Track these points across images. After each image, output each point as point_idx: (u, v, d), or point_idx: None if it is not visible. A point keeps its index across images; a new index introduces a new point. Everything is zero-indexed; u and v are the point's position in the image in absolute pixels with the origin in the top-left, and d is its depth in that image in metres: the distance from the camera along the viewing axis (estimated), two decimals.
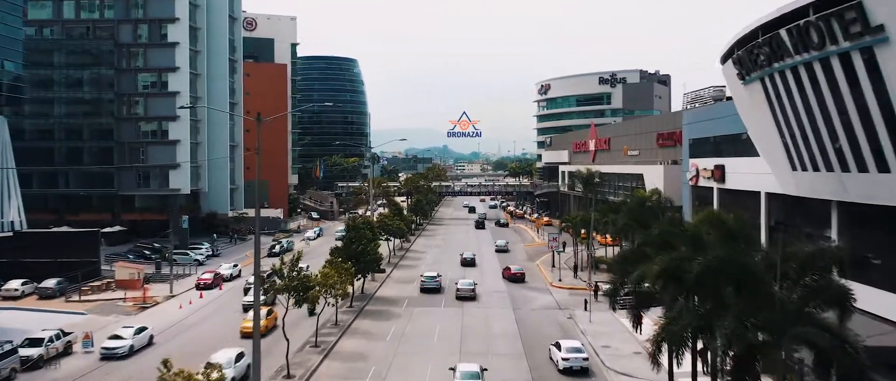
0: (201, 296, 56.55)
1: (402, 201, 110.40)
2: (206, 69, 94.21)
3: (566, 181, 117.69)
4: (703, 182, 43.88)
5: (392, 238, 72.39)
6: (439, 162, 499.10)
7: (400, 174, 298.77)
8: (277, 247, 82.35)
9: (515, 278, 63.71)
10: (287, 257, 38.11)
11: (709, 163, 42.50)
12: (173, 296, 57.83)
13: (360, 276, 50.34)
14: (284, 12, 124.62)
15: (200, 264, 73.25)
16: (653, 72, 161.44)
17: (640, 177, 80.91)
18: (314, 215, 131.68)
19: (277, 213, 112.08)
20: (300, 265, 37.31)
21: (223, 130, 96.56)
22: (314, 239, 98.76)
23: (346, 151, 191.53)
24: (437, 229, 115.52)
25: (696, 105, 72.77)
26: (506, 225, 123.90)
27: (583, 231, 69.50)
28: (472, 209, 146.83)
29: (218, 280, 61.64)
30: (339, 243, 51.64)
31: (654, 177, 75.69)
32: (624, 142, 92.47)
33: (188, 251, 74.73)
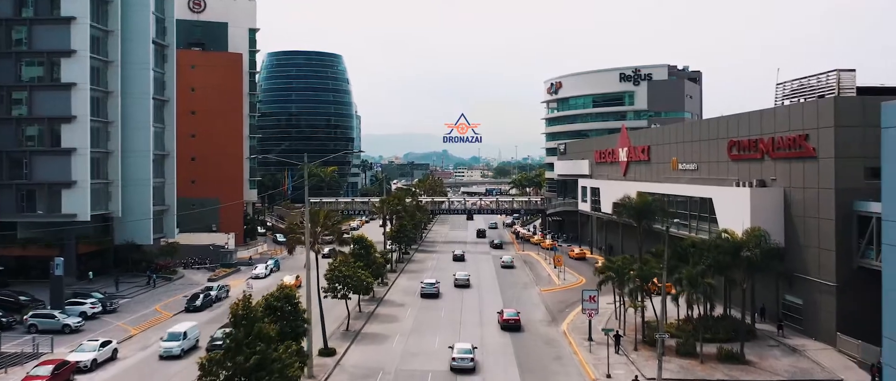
0: None
1: (379, 227, 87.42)
2: (119, 55, 71.25)
3: (587, 198, 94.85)
4: None
5: (350, 296, 49.22)
6: (437, 168, 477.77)
7: (393, 182, 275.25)
8: (201, 298, 59.14)
9: (510, 327, 50.44)
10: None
11: None
12: None
13: None
14: None
15: (73, 330, 50.07)
16: (681, 67, 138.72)
17: (706, 203, 57.92)
18: (280, 237, 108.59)
19: (227, 239, 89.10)
20: None
21: (144, 135, 73.42)
22: (265, 277, 75.70)
23: (330, 158, 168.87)
24: (427, 259, 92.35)
25: (801, 99, 49.94)
26: (500, 245, 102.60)
27: (631, 274, 46.48)
28: (470, 216, 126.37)
29: (63, 376, 38.49)
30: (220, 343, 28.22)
31: (731, 204, 52.74)
32: (672, 152, 69.58)
33: (57, 312, 51.40)
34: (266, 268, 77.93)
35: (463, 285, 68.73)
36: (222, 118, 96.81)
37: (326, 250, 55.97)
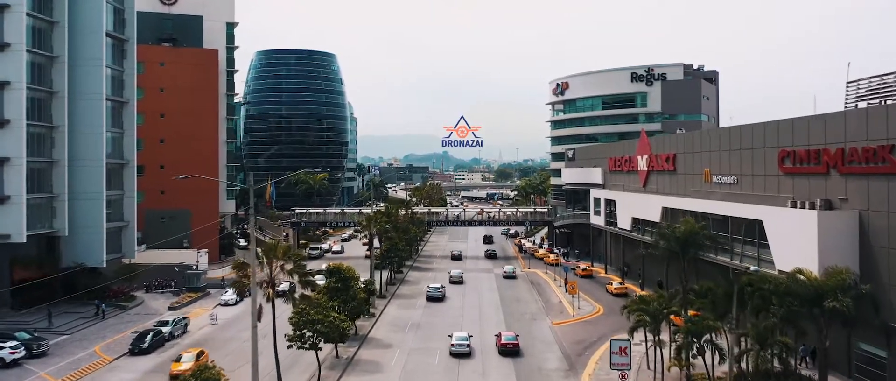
0: None
1: (364, 244, 77.68)
2: (66, 50, 61.88)
3: (600, 211, 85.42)
4: None
5: (321, 346, 39.54)
6: (437, 170, 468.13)
7: (390, 186, 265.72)
8: (150, 337, 49.61)
9: (509, 351, 47.47)
10: None
11: None
12: None
13: None
14: None
15: None
16: (696, 67, 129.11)
17: (753, 225, 48.37)
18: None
19: (198, 256, 79.48)
20: None
21: (96, 141, 63.99)
22: (235, 304, 66.42)
23: (321, 163, 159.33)
24: (422, 278, 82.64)
25: (884, 100, 40.49)
26: (494, 255, 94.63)
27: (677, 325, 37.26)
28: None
29: None
30: None
31: (790, 229, 43.24)
32: (704, 161, 60.00)
33: None
34: (237, 293, 68.39)
35: (457, 281, 78.41)
36: (196, 122, 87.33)
37: (285, 286, 46.18)
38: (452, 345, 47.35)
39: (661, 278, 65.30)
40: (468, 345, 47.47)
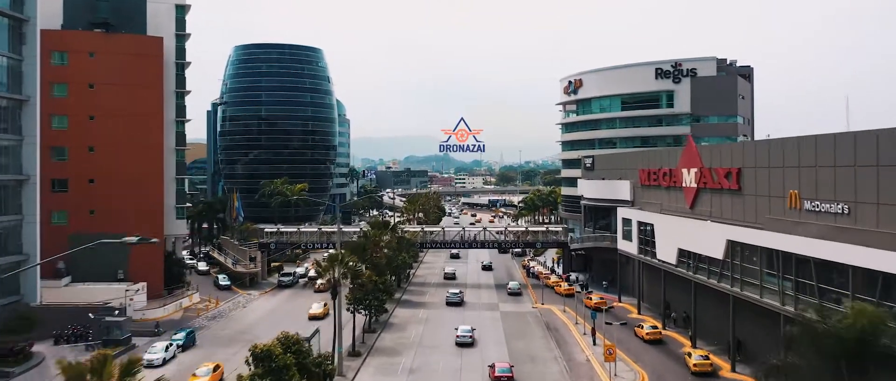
0: None
1: (317, 290, 61.21)
2: None
3: (631, 235, 69.57)
4: None
5: None
6: (437, 173, 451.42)
7: (386, 192, 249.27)
8: None
9: None
10: None
11: None
12: None
13: None
14: None
15: None
16: (729, 62, 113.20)
17: (889, 281, 32.38)
18: (222, 279, 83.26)
19: (130, 293, 63.81)
20: None
21: None
22: (161, 365, 50.18)
23: (306, 169, 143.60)
24: (411, 320, 66.59)
25: None
26: (490, 267, 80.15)
27: None
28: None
29: None
30: None
31: None
32: (788, 180, 43.98)
33: None
34: (166, 349, 52.27)
35: (451, 277, 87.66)
36: (135, 125, 71.22)
37: None
38: (458, 337, 54.09)
39: (728, 338, 49.38)
40: (471, 337, 54.42)
